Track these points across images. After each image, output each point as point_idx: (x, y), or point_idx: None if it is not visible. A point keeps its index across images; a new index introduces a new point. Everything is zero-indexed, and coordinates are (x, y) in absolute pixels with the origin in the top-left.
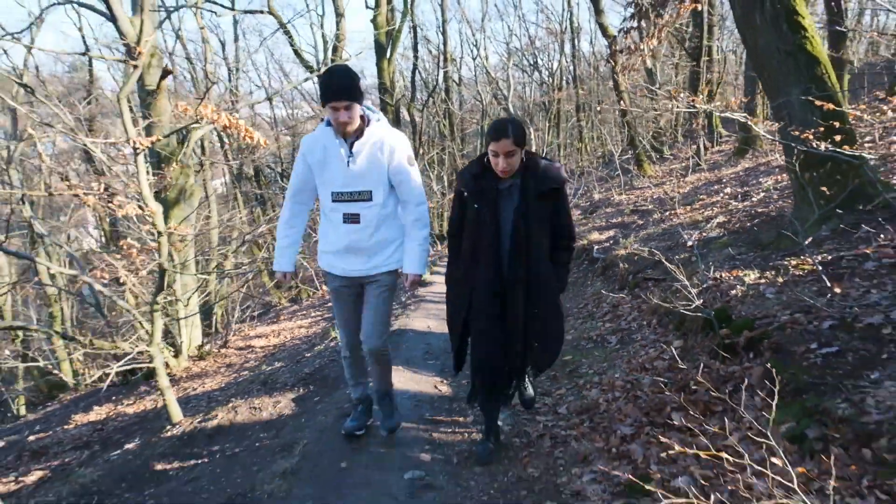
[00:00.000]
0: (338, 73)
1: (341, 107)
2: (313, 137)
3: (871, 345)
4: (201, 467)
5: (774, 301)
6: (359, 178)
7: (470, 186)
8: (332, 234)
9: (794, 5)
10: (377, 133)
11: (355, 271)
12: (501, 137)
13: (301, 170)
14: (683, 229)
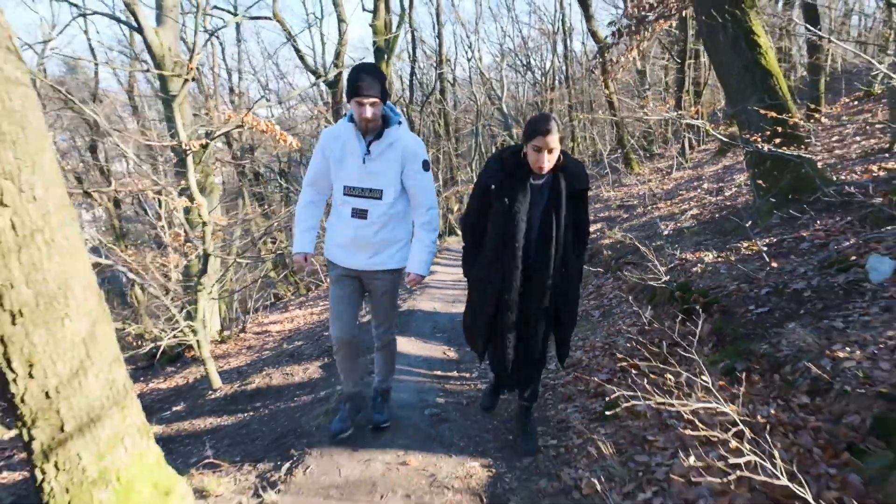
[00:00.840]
0: (367, 69)
1: (367, 102)
2: (334, 131)
3: (794, 304)
4: (249, 418)
5: (726, 275)
6: (372, 176)
7: (499, 180)
8: (340, 226)
9: (751, 27)
10: (396, 135)
11: (358, 264)
12: (549, 133)
13: (319, 160)
14: (661, 220)
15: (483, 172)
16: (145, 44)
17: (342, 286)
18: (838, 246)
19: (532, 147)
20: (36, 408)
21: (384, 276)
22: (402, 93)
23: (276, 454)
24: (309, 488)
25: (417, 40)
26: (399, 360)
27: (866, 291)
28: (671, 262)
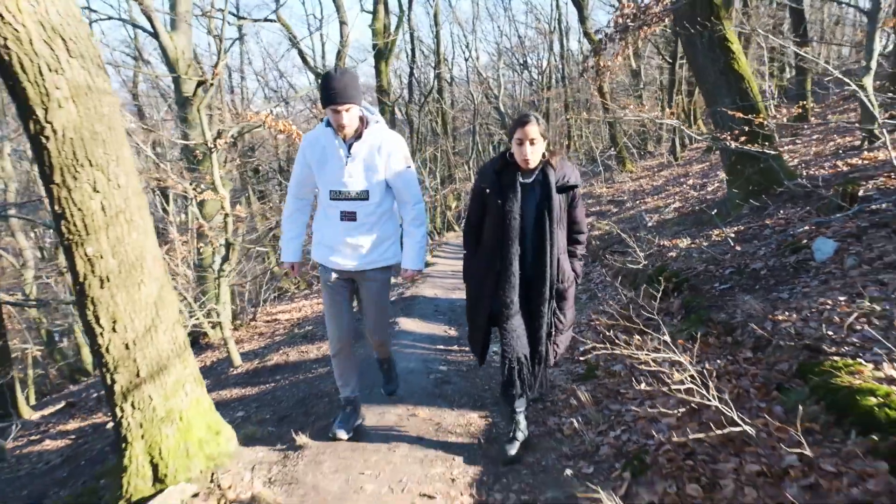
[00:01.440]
0: (337, 76)
1: (342, 109)
2: (313, 136)
3: (751, 281)
4: (272, 387)
5: (697, 258)
6: (356, 178)
7: (492, 182)
8: (329, 229)
9: (725, 34)
10: (375, 135)
11: (350, 266)
12: (527, 123)
13: (301, 167)
14: (647, 213)
15: (477, 178)
16: (160, 47)
17: (335, 290)
18: (793, 231)
19: (515, 141)
20: (117, 357)
21: (376, 274)
22: (401, 92)
23: (301, 411)
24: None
25: (416, 41)
26: (405, 336)
27: (811, 269)
28: (650, 248)
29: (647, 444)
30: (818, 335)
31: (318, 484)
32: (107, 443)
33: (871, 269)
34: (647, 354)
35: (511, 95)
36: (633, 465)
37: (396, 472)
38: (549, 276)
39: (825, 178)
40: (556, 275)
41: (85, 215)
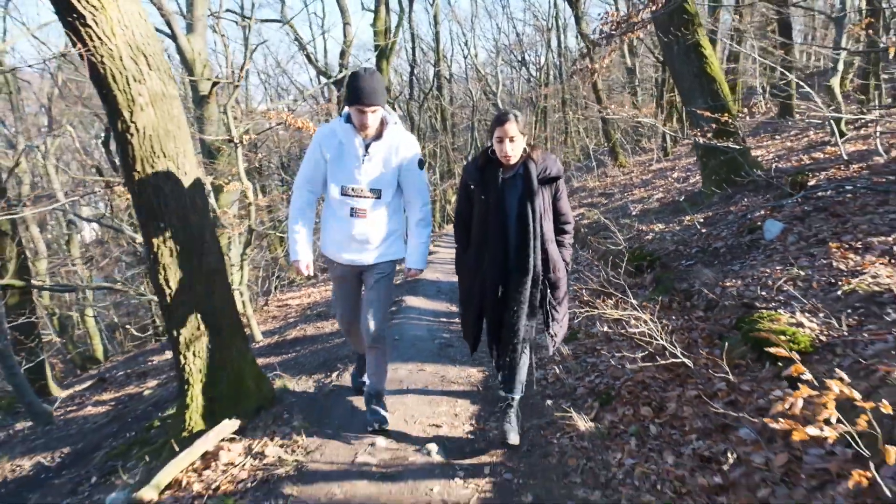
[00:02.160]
0: (367, 76)
1: (368, 110)
2: (330, 129)
3: (711, 257)
4: (294, 356)
5: (669, 240)
6: (371, 176)
7: (475, 178)
8: (337, 225)
9: (699, 40)
10: (394, 136)
11: (358, 260)
12: (506, 122)
13: (316, 158)
14: (632, 203)
15: (462, 176)
16: (178, 49)
17: (344, 283)
18: (751, 216)
19: (496, 139)
20: (182, 314)
21: (382, 267)
22: (402, 90)
23: (323, 370)
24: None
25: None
26: (412, 311)
27: (761, 246)
28: (631, 233)
29: (614, 383)
30: (754, 296)
31: (342, 423)
32: (148, 404)
33: (806, 245)
34: (616, 312)
35: (510, 92)
36: (601, 398)
37: (409, 410)
38: (532, 267)
39: (787, 170)
40: (543, 266)
41: (161, 198)
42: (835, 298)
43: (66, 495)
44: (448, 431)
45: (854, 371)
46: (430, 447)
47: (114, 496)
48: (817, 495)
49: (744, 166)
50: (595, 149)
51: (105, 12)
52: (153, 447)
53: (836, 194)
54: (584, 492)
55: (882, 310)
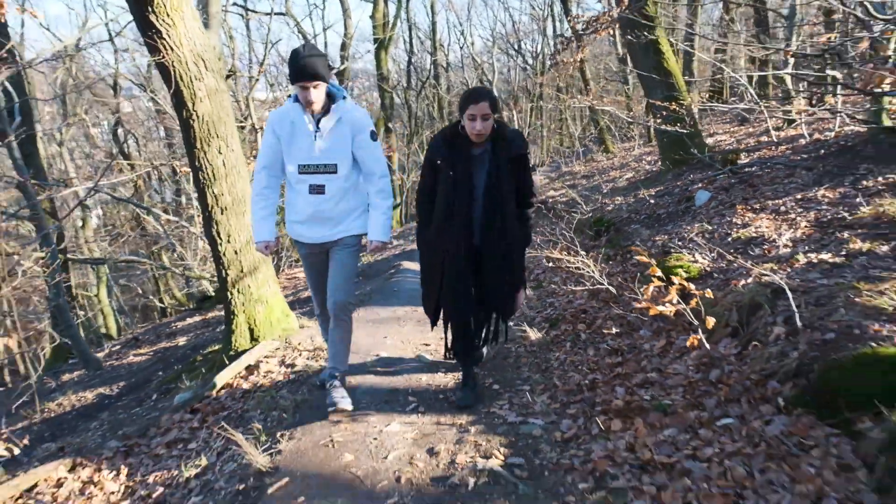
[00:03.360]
0: (306, 53)
1: (310, 86)
2: (282, 111)
3: (655, 222)
4: (310, 309)
5: (625, 210)
6: (325, 151)
7: (443, 153)
8: (299, 203)
9: (658, 39)
10: (343, 110)
11: (321, 237)
12: (480, 100)
13: (271, 142)
14: (605, 183)
15: (428, 150)
16: None
17: (313, 263)
18: (690, 189)
19: (467, 116)
20: (230, 259)
21: (346, 240)
22: (400, 79)
23: None
24: (366, 320)
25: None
26: (408, 272)
27: (691, 211)
28: (596, 205)
29: (563, 312)
30: (672, 245)
31: (356, 340)
32: (186, 349)
33: (722, 208)
34: (568, 258)
35: (506, 80)
36: (551, 321)
37: (404, 335)
38: (499, 242)
39: (730, 150)
40: (507, 239)
41: (214, 168)
42: (727, 243)
43: (133, 408)
44: (434, 348)
45: (719, 286)
46: (421, 355)
47: (181, 395)
48: (677, 361)
49: (689, 148)
50: (583, 136)
51: (175, 28)
52: (208, 365)
53: (759, 170)
54: (529, 374)
55: (751, 248)
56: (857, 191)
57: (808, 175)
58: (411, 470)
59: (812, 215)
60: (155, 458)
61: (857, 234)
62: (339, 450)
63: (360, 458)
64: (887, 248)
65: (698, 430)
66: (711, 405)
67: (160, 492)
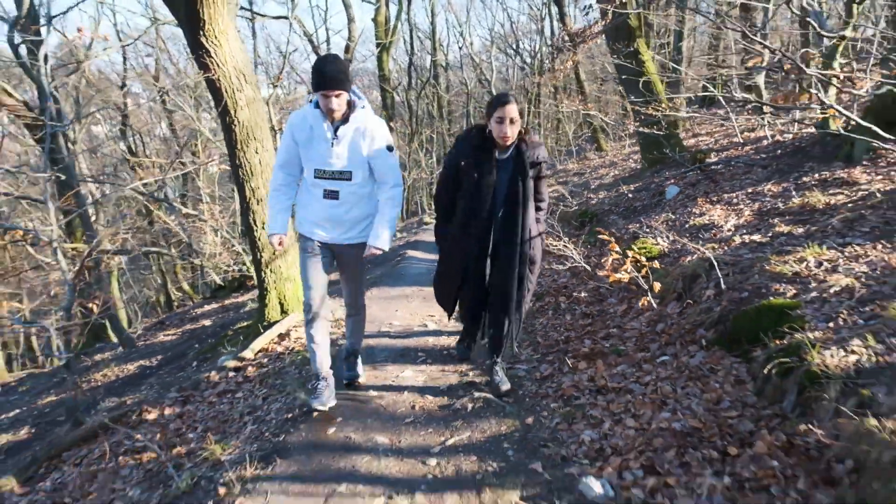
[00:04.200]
0: (330, 62)
1: (332, 94)
2: (301, 115)
3: (631, 213)
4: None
5: (607, 203)
6: (341, 158)
7: (468, 156)
8: (314, 205)
9: (638, 48)
10: (361, 119)
11: (332, 239)
12: (508, 103)
13: (288, 144)
14: (594, 180)
15: (452, 151)
16: None
17: (313, 256)
18: (664, 184)
19: (495, 119)
20: (263, 243)
21: (355, 248)
22: (401, 79)
23: None
24: (378, 297)
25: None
26: (412, 259)
27: (663, 204)
28: (582, 199)
29: (548, 288)
30: (640, 231)
31: (372, 313)
32: (216, 327)
33: (686, 200)
34: (554, 244)
35: (504, 80)
36: (537, 296)
37: (412, 308)
38: (520, 245)
39: (705, 150)
40: (526, 243)
41: (251, 166)
42: (684, 229)
43: (177, 374)
44: (438, 319)
45: (672, 262)
46: (427, 321)
47: (223, 358)
48: (634, 320)
49: (665, 148)
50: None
51: (222, 48)
52: (242, 336)
53: (723, 167)
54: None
55: (702, 232)
56: (795, 185)
57: (762, 172)
58: (423, 401)
59: (756, 206)
60: (209, 404)
61: (783, 220)
62: (365, 389)
63: (383, 394)
64: (802, 230)
65: (643, 366)
66: (654, 348)
67: (218, 426)
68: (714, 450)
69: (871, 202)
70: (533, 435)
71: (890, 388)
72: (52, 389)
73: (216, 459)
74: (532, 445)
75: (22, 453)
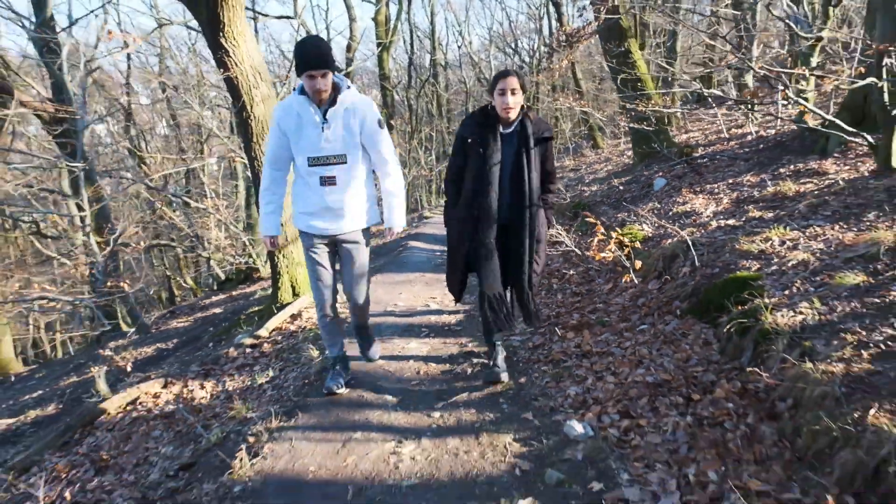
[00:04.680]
0: (311, 43)
1: (318, 75)
2: (286, 104)
3: (622, 204)
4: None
5: (599, 195)
6: (334, 142)
7: (474, 131)
8: (310, 196)
9: (629, 46)
10: (349, 99)
11: (332, 230)
12: (509, 75)
13: (277, 136)
14: (588, 174)
15: (459, 129)
16: None
17: (318, 255)
18: (652, 177)
19: (497, 92)
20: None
21: (356, 235)
22: (401, 78)
23: None
24: (383, 282)
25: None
26: (414, 248)
27: (651, 194)
28: (576, 191)
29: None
30: (628, 219)
31: (378, 296)
32: (228, 312)
33: (672, 191)
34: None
35: None
36: None
37: (415, 291)
38: (528, 220)
39: (693, 145)
40: (532, 216)
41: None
42: (668, 216)
43: (195, 353)
44: (440, 299)
45: (654, 245)
46: (429, 302)
47: (240, 336)
48: (619, 296)
49: (654, 142)
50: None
51: (239, 49)
52: (255, 318)
53: (709, 161)
54: None
55: (683, 219)
56: (772, 176)
57: (743, 165)
58: (427, 367)
59: (734, 195)
60: (229, 376)
61: (757, 207)
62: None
63: (391, 362)
64: (772, 215)
65: (624, 334)
66: (635, 318)
67: (239, 393)
68: (680, 396)
69: (834, 189)
70: (525, 392)
71: (828, 340)
72: (71, 373)
73: (242, 417)
74: (524, 400)
75: (51, 426)
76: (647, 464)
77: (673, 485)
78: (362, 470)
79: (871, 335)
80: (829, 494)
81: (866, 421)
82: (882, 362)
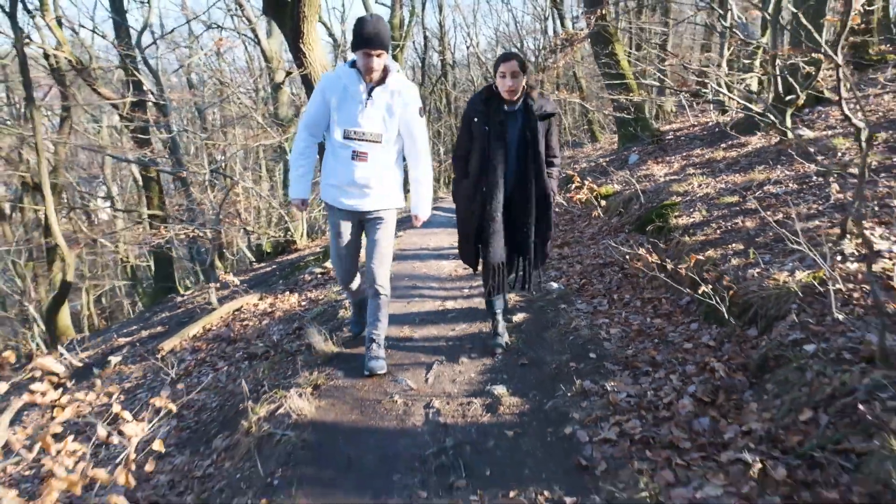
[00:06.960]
0: (373, 22)
1: (374, 54)
2: (335, 75)
3: (602, 175)
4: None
5: (587, 170)
6: (373, 120)
7: (479, 110)
8: (340, 169)
9: (614, 48)
10: (396, 83)
11: (358, 205)
12: (510, 59)
13: (318, 103)
14: (581, 159)
15: (465, 110)
16: (261, 50)
17: (342, 229)
18: (629, 156)
19: (499, 75)
20: None
21: (382, 214)
22: (413, 78)
23: None
24: (415, 233)
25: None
26: (434, 215)
27: (625, 167)
28: (567, 167)
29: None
30: (604, 181)
31: (411, 241)
32: (283, 266)
33: (642, 163)
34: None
35: None
36: None
37: (440, 239)
38: (533, 193)
39: (666, 130)
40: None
41: None
42: (634, 178)
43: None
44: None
45: (618, 194)
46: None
47: (310, 268)
48: (589, 228)
49: (636, 129)
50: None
51: (313, 52)
52: (318, 260)
53: (674, 141)
54: None
55: (642, 179)
56: (713, 149)
57: (698, 143)
58: (456, 272)
59: (683, 163)
60: (309, 291)
61: (693, 167)
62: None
63: (429, 271)
64: (700, 171)
65: (590, 246)
66: (599, 238)
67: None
68: (615, 266)
69: (746, 153)
70: None
71: (703, 228)
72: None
73: (333, 299)
74: None
75: (161, 338)
76: (592, 295)
77: (605, 302)
78: (420, 311)
79: (726, 224)
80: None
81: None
82: (724, 234)
